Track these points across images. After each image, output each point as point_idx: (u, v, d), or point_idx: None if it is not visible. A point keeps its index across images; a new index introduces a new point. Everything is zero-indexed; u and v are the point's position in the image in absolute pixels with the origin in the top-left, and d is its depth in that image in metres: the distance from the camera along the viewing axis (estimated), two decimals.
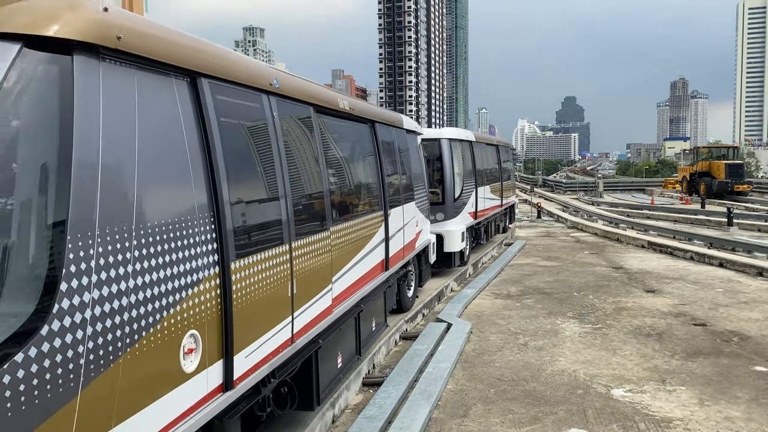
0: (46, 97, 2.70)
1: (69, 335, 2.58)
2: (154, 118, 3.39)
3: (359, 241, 6.99)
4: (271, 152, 4.79)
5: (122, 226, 2.97)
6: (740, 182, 38.80)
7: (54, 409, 2.49)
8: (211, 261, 3.72)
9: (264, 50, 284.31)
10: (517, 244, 19.09)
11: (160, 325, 3.22)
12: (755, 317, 10.05)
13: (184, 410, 3.44)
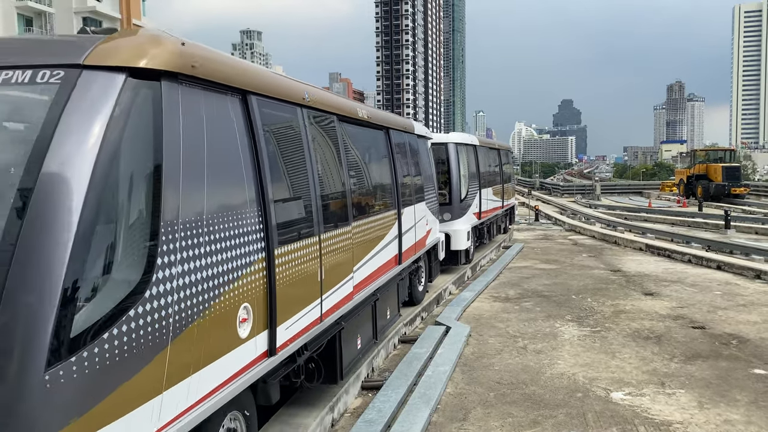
0: (144, 113, 3.41)
1: (162, 299, 3.34)
2: (216, 129, 4.09)
3: (376, 237, 7.69)
4: (304, 156, 5.54)
5: (196, 218, 3.70)
6: (737, 185, 38.91)
7: (154, 353, 3.25)
8: (260, 247, 4.48)
9: (261, 53, 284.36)
10: (515, 246, 19.09)
11: (222, 296, 3.94)
12: (753, 320, 10.06)
13: (239, 369, 4.14)
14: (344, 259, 6.42)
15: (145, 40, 3.51)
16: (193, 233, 3.65)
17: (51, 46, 3.63)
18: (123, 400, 3.05)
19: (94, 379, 2.87)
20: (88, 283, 2.96)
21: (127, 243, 3.28)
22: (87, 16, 52.91)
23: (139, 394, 3.16)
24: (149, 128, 3.42)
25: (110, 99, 3.19)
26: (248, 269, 4.29)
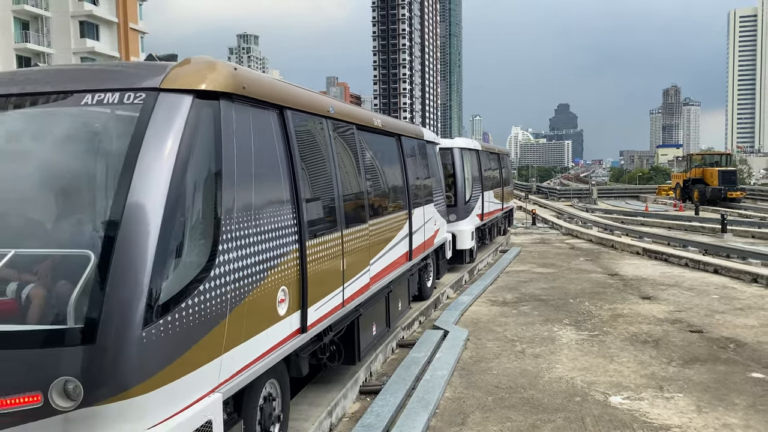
0: (207, 126, 4.11)
1: (223, 277, 4.04)
2: (260, 139, 4.80)
3: (389, 234, 8.41)
4: (329, 162, 6.28)
5: (246, 214, 4.42)
6: (733, 189, 39.01)
7: (216, 322, 3.96)
8: (294, 239, 5.19)
9: (258, 57, 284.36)
10: (513, 250, 19.10)
11: (266, 279, 4.64)
12: (751, 324, 10.07)
13: (277, 342, 4.84)
14: (362, 253, 7.13)
15: (206, 67, 4.27)
16: (243, 227, 4.39)
17: (132, 73, 4.29)
18: (196, 356, 3.78)
19: (175, 338, 3.61)
20: (169, 267, 3.65)
21: (197, 233, 3.98)
22: (84, 20, 52.90)
23: (207, 354, 3.90)
24: (211, 138, 4.14)
25: (182, 115, 3.94)
26: (285, 258, 5.02)
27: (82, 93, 4.02)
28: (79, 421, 3.25)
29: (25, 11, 50.69)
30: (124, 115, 4.00)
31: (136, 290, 3.42)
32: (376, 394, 6.81)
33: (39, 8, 51.72)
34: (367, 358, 7.42)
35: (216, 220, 4.09)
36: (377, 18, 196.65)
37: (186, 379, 3.66)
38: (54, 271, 3.65)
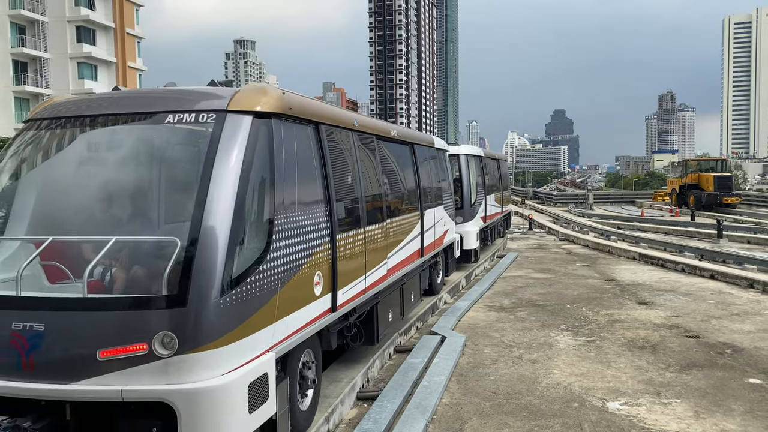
0: (263, 139, 5.09)
1: (275, 261, 5.00)
2: (302, 149, 5.79)
3: (403, 232, 9.26)
4: (354, 167, 7.25)
5: (292, 211, 5.40)
6: (729, 194, 39.10)
7: (271, 295, 4.92)
8: (327, 233, 6.09)
9: (255, 62, 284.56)
10: (510, 256, 19.10)
11: (306, 264, 5.57)
12: (747, 329, 10.08)
13: (314, 317, 5.76)
14: (381, 248, 8.00)
15: (260, 92, 5.27)
16: (290, 221, 5.34)
17: (204, 97, 5.23)
18: (256, 322, 4.71)
19: (242, 306, 4.56)
20: (237, 252, 4.57)
21: (256, 226, 4.95)
22: (80, 25, 52.89)
23: (264, 321, 4.83)
24: (266, 149, 5.10)
25: (244, 130, 4.92)
26: (320, 247, 5.92)
27: (165, 113, 5.06)
28: (173, 365, 4.19)
29: (22, 16, 50.67)
30: (200, 131, 5.02)
31: (214, 268, 4.38)
32: (374, 400, 6.78)
33: (36, 13, 51.72)
34: (384, 341, 8.42)
35: (270, 216, 5.08)
36: (374, 23, 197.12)
37: (250, 339, 4.64)
38: (149, 253, 4.75)
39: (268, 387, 4.79)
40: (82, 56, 53.02)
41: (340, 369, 7.60)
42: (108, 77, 55.53)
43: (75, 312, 4.35)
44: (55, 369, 4.25)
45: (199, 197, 4.58)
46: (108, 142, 5.42)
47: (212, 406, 4.22)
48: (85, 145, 5.45)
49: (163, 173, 5.32)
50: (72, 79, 52.96)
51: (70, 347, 4.27)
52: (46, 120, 5.42)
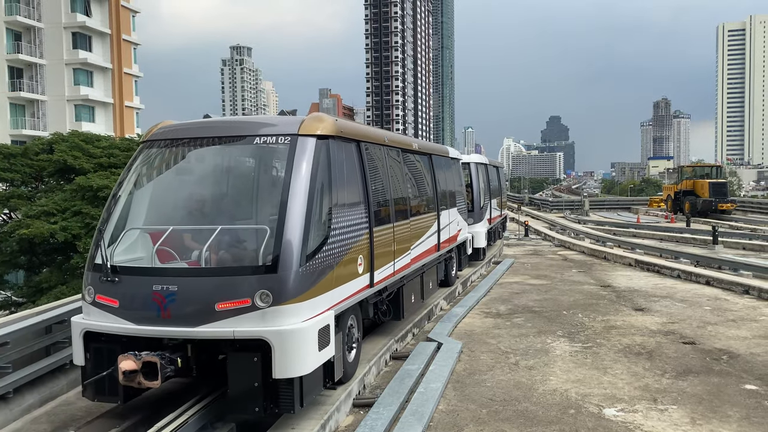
0: (323, 155, 6.80)
1: (333, 244, 6.62)
2: (348, 161, 7.52)
3: (423, 229, 10.90)
4: (385, 175, 8.94)
5: (343, 208, 7.09)
6: (724, 201, 39.18)
7: (331, 268, 6.54)
8: (366, 226, 7.78)
9: (251, 69, 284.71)
10: (506, 262, 19.10)
11: (352, 248, 7.22)
12: (743, 335, 10.10)
13: (356, 290, 7.42)
14: (406, 240, 9.63)
15: (320, 120, 6.94)
16: (342, 214, 7.07)
17: (281, 125, 6.90)
18: (322, 286, 6.38)
19: (316, 271, 6.30)
20: (310, 235, 6.24)
21: (320, 217, 6.55)
22: (77, 31, 52.84)
23: (326, 286, 6.48)
24: (326, 162, 6.80)
25: (310, 149, 6.61)
26: (362, 237, 7.60)
27: (254, 136, 6.83)
28: (269, 314, 5.88)
29: (18, 22, 50.60)
30: (280, 149, 6.75)
31: (295, 248, 6.05)
32: (370, 407, 6.76)
33: (31, 19, 51.64)
34: (409, 317, 10.17)
35: (329, 210, 6.78)
36: (370, 30, 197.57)
37: (318, 299, 6.29)
38: (249, 236, 6.46)
39: (330, 335, 6.45)
40: (78, 62, 52.91)
41: None
42: (104, 83, 55.45)
43: (199, 277, 6.13)
44: (185, 317, 5.95)
45: (282, 198, 6.29)
46: (211, 156, 7.37)
47: (295, 342, 5.88)
48: (194, 159, 7.34)
49: (254, 180, 7.39)
50: (68, 85, 52.85)
51: (196, 301, 5.96)
52: (161, 140, 7.16)
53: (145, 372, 5.88)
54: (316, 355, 6.13)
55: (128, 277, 6.25)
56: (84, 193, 23.50)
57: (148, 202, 7.11)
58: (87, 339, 6.37)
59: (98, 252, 6.43)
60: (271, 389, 5.91)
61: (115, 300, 6.20)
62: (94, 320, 6.32)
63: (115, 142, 30.00)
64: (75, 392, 8.14)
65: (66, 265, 24.15)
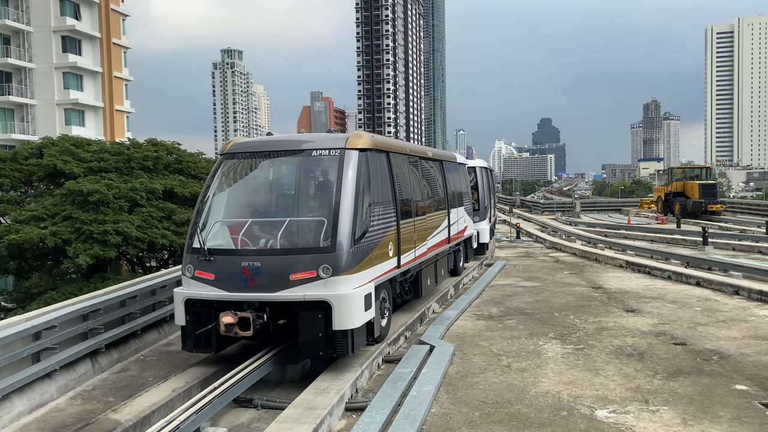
0: (363, 163, 8.64)
1: (371, 232, 8.59)
2: (381, 168, 9.30)
3: (436, 224, 12.76)
4: (407, 179, 10.75)
5: (378, 205, 8.98)
6: (714, 202, 39.42)
7: (371, 251, 8.49)
8: (394, 220, 9.53)
9: (242, 72, 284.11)
10: (498, 264, 19.14)
11: (385, 236, 9.05)
12: (733, 336, 10.15)
13: (388, 269, 9.16)
14: (424, 232, 11.49)
15: (360, 137, 8.84)
16: (378, 209, 8.95)
17: (331, 141, 8.77)
18: (366, 264, 8.23)
19: (362, 253, 8.14)
20: (356, 225, 8.05)
21: (363, 211, 8.35)
22: (66, 35, 52.58)
23: (368, 264, 8.31)
24: (365, 168, 8.63)
25: (354, 159, 8.44)
26: (391, 227, 9.45)
27: (312, 150, 8.79)
28: (329, 282, 7.73)
29: (7, 26, 50.30)
30: (332, 159, 8.59)
31: (347, 233, 7.92)
32: (363, 411, 6.75)
33: (20, 23, 51.34)
34: (428, 296, 12.36)
35: (369, 206, 8.61)
36: (361, 33, 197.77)
37: (363, 273, 8.19)
38: (311, 226, 8.39)
39: (371, 301, 8.32)
40: (67, 66, 52.62)
41: (327, 379, 7.57)
42: (94, 87, 55.16)
43: (276, 256, 8.00)
44: (267, 285, 7.82)
45: (335, 196, 8.19)
46: (278, 165, 9.37)
47: (348, 303, 7.79)
48: (265, 167, 9.33)
49: (313, 182, 9.29)
50: (57, 89, 52.56)
51: (275, 273, 7.82)
52: (239, 153, 9.15)
53: (240, 324, 7.73)
54: (362, 315, 8.02)
55: (221, 257, 8.14)
56: (74, 198, 23.38)
57: (231, 201, 9.07)
58: (187, 305, 8.22)
59: (195, 239, 8.31)
60: (330, 339, 7.81)
61: (211, 274, 8.07)
62: (194, 290, 8.17)
63: (106, 146, 29.84)
64: (65, 398, 8.10)
65: (56, 270, 24.00)
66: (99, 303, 9.34)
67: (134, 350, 9.98)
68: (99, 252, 21.97)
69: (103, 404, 7.82)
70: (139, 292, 10.36)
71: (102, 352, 9.24)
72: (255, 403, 7.53)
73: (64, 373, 8.37)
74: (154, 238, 23.12)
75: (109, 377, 8.96)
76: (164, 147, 29.41)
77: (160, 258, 27.64)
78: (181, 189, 25.83)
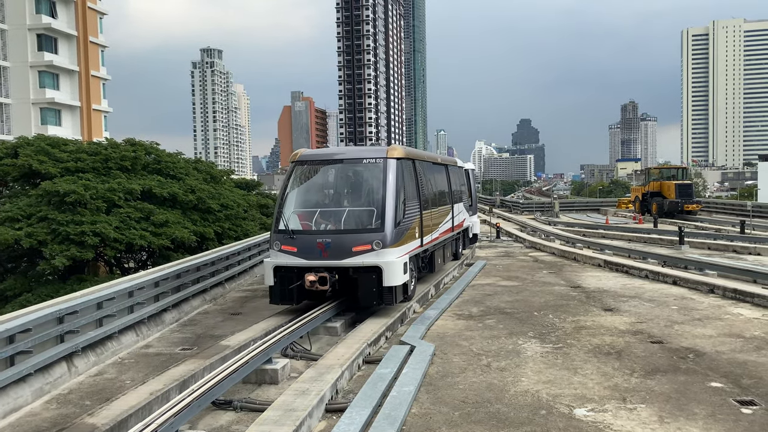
0: (399, 169, 11.99)
1: (405, 219, 12.03)
2: (409, 172, 12.81)
3: (444, 215, 16.00)
4: (426, 180, 14.02)
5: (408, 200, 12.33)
6: (690, 202, 39.99)
7: (406, 232, 12.00)
8: (419, 210, 13.04)
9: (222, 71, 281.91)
10: (478, 264, 19.23)
11: (413, 223, 12.54)
12: (709, 333, 10.31)
13: (415, 247, 12.65)
14: (437, 221, 14.89)
15: (396, 149, 12.21)
16: (408, 203, 12.20)
17: (376, 152, 12.11)
18: (403, 241, 11.72)
19: (400, 233, 11.56)
20: (396, 213, 11.47)
21: (401, 204, 11.70)
22: (42, 33, 51.74)
23: (404, 242, 11.76)
24: (401, 172, 11.96)
25: (393, 164, 11.75)
26: (416, 216, 12.70)
27: (362, 158, 12.14)
28: (380, 253, 11.02)
29: None
30: (376, 165, 11.77)
31: (390, 218, 11.21)
32: (343, 412, 6.74)
33: None
34: (442, 271, 16.20)
35: (403, 200, 11.78)
36: (342, 33, 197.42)
37: (401, 247, 11.49)
38: (365, 214, 11.51)
39: (407, 268, 11.60)
40: (43, 65, 51.76)
41: (307, 381, 7.54)
42: (70, 86, 54.34)
43: (342, 234, 11.14)
44: (336, 255, 10.97)
45: (382, 192, 11.42)
46: (338, 169, 12.44)
47: (393, 268, 11.02)
48: (328, 171, 12.48)
49: (365, 182, 12.10)
50: (33, 88, 51.68)
51: (342, 247, 10.98)
52: (307, 160, 12.42)
53: (319, 281, 10.98)
54: (402, 277, 11.33)
55: (301, 236, 11.39)
56: (50, 199, 23.01)
57: (303, 196, 12.22)
58: (275, 270, 11.43)
59: (280, 223, 11.58)
60: (380, 293, 11.11)
61: (294, 248, 11.29)
62: (281, 260, 11.41)
63: (83, 146, 29.41)
64: (40, 402, 7.97)
65: (31, 272, 23.60)
66: (75, 305, 9.21)
67: (112, 353, 9.86)
68: (76, 253, 21.65)
69: (80, 408, 7.71)
70: (116, 294, 10.25)
71: (78, 355, 9.12)
72: (234, 405, 7.47)
73: (39, 376, 8.24)
74: (132, 239, 22.83)
75: (86, 380, 8.84)
76: (142, 147, 29.07)
77: (139, 259, 27.33)
78: (159, 189, 25.56)
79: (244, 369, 7.95)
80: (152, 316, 11.54)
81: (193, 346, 10.54)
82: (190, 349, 10.38)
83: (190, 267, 13.62)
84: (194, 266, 13.83)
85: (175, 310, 12.55)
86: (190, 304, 13.35)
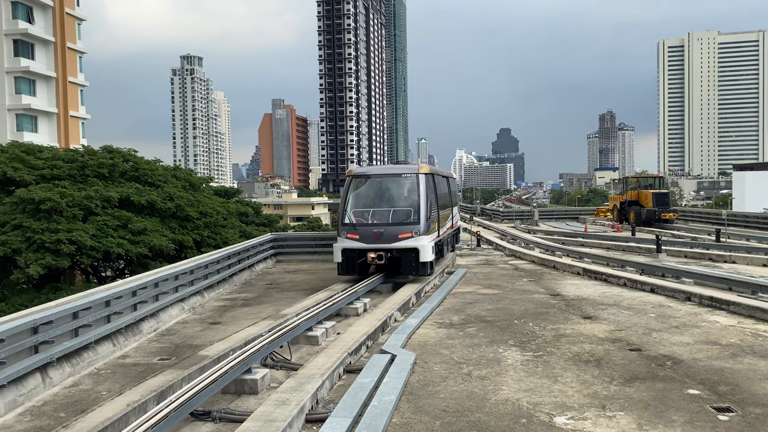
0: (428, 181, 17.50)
1: (430, 217, 17.18)
2: (431, 183, 17.90)
3: (448, 216, 21.01)
4: (439, 188, 19.50)
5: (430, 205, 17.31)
6: (667, 210, 40.55)
7: (430, 227, 17.06)
8: (437, 211, 18.34)
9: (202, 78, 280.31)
10: (459, 272, 19.28)
11: (434, 221, 17.64)
12: (686, 341, 10.43)
13: (435, 237, 17.62)
14: (444, 220, 19.62)
15: (424, 166, 18.06)
16: (431, 205, 17.33)
17: (411, 168, 17.78)
18: (429, 232, 16.83)
19: (428, 226, 16.72)
20: (427, 213, 16.70)
21: (429, 206, 16.88)
22: (18, 38, 51.03)
23: (431, 232, 16.99)
24: (428, 184, 17.27)
25: (423, 178, 17.13)
26: (435, 215, 17.87)
27: (401, 173, 17.49)
28: (418, 239, 16.26)
29: None
30: (412, 178, 17.10)
31: (423, 215, 16.44)
32: (323, 422, 6.68)
33: None
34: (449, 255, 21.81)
35: (430, 203, 17.03)
36: (323, 42, 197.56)
37: (429, 236, 16.72)
38: (406, 212, 16.64)
39: (434, 249, 16.93)
40: (19, 71, 51.02)
41: (287, 391, 7.47)
42: (48, 93, 53.62)
43: (391, 226, 16.26)
44: (387, 240, 16.11)
45: (417, 197, 16.61)
46: (385, 181, 17.35)
47: (426, 249, 16.30)
48: (377, 182, 17.37)
49: (404, 190, 16.98)
50: (8, 94, 50.88)
51: (391, 234, 16.14)
52: (361, 175, 17.44)
53: (377, 258, 15.89)
54: (431, 255, 16.34)
55: (362, 227, 16.21)
56: (25, 206, 22.64)
57: (360, 199, 16.97)
58: (342, 252, 16.18)
59: (346, 218, 16.41)
60: (417, 267, 16.18)
61: (357, 236, 16.10)
62: (347, 244, 16.17)
63: (59, 153, 29.00)
64: (13, 415, 7.80)
65: (5, 281, 23.16)
66: (50, 315, 9.05)
67: (88, 363, 9.69)
68: (51, 262, 21.30)
69: (54, 420, 7.56)
70: (92, 303, 10.09)
71: (53, 366, 8.95)
72: (213, 415, 7.38)
73: (13, 388, 8.07)
74: (109, 247, 22.53)
75: (61, 392, 8.67)
76: (120, 154, 28.77)
77: (116, 268, 26.96)
78: (137, 197, 25.28)
79: (223, 379, 7.85)
80: (129, 326, 11.37)
81: (171, 356, 10.41)
82: (168, 359, 10.25)
83: (169, 276, 13.46)
84: (173, 275, 13.68)
85: (153, 320, 12.39)
86: (169, 314, 13.19)
